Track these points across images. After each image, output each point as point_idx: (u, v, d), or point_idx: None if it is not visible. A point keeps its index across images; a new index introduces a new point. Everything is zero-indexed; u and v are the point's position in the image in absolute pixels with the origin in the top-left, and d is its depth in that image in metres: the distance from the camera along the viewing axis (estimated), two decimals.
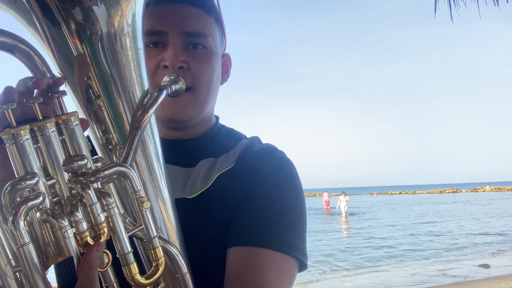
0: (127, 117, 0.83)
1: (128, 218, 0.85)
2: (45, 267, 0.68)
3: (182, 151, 1.11)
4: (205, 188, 1.06)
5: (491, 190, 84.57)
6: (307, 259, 1.05)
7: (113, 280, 0.74)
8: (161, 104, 1.04)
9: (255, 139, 1.18)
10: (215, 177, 1.07)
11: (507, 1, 2.94)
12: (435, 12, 3.04)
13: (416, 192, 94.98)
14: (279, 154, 1.13)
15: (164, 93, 0.86)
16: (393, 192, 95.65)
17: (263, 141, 1.18)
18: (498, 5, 2.92)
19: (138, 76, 0.84)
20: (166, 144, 1.07)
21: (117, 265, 0.74)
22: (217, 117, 1.21)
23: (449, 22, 3.02)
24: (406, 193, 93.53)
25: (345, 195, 31.93)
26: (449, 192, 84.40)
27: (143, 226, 0.77)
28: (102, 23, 0.77)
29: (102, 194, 0.70)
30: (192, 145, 1.12)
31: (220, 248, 1.00)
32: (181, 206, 0.98)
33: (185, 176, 1.08)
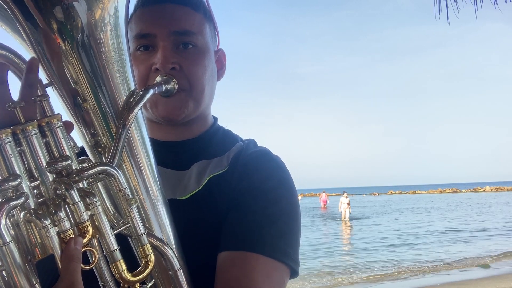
0: (113, 118, 0.84)
1: (120, 217, 0.86)
2: (34, 267, 0.69)
3: (176, 153, 1.11)
4: (197, 190, 1.05)
5: (491, 190, 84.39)
6: (299, 266, 1.02)
7: (109, 279, 0.75)
8: (156, 105, 1.05)
9: (251, 142, 1.17)
10: (207, 180, 1.07)
11: (506, 1, 2.93)
12: (439, 13, 3.02)
13: (416, 192, 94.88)
14: (274, 158, 1.12)
15: (151, 92, 0.87)
16: (393, 192, 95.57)
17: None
18: (497, 5, 2.91)
19: (123, 76, 0.85)
20: (160, 146, 1.09)
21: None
22: (215, 118, 1.20)
23: (450, 22, 3.00)
24: (406, 193, 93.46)
25: (346, 196, 28.49)
26: (449, 192, 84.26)
27: (130, 223, 0.78)
28: (84, 22, 0.78)
29: (86, 194, 0.72)
30: (187, 147, 1.12)
31: (210, 250, 0.99)
32: (172, 207, 0.98)
33: (177, 178, 1.08)
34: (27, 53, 0.81)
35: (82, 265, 0.70)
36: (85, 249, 0.71)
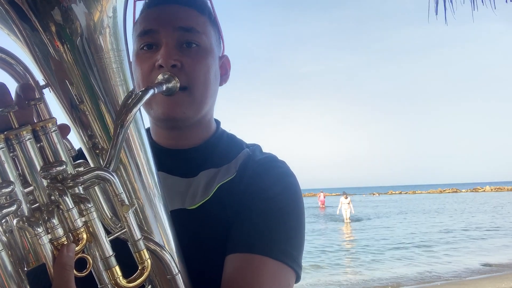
0: (111, 119, 0.83)
1: (117, 221, 0.86)
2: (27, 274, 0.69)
3: (182, 160, 1.11)
4: (206, 199, 1.05)
5: (491, 190, 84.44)
6: (301, 270, 1.03)
7: (107, 282, 0.75)
8: (157, 103, 1.04)
9: (257, 148, 1.17)
10: (216, 188, 1.07)
11: (506, 1, 2.92)
12: (436, 14, 3.02)
13: (416, 192, 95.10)
14: (281, 164, 1.12)
15: (150, 92, 0.85)
16: (393, 192, 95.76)
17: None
18: (496, 5, 2.91)
19: (121, 77, 0.84)
20: (167, 153, 1.09)
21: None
22: (218, 122, 1.20)
23: (449, 22, 3.00)
24: (406, 193, 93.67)
25: (346, 197, 26.29)
26: (449, 192, 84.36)
27: (126, 229, 0.77)
28: (82, 24, 0.77)
29: (81, 199, 0.71)
30: (193, 154, 1.12)
31: (220, 258, 0.99)
32: (181, 217, 0.98)
33: (185, 187, 1.07)
34: (24, 55, 0.80)
35: (76, 272, 0.69)
36: (78, 256, 0.70)
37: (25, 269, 0.69)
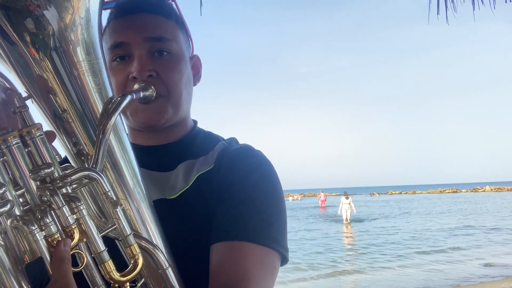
0: (93, 126, 0.86)
1: (106, 221, 0.87)
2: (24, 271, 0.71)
3: (160, 156, 1.14)
4: (186, 188, 1.08)
5: (491, 190, 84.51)
6: (288, 252, 1.07)
7: (100, 283, 0.77)
8: (136, 112, 1.07)
9: (232, 140, 1.21)
10: (195, 178, 1.10)
11: (506, 1, 2.91)
12: (437, 13, 3.02)
13: (416, 192, 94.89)
14: (256, 153, 1.16)
15: (128, 98, 0.88)
16: (393, 192, 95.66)
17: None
18: (495, 6, 2.90)
19: (100, 84, 0.87)
20: (144, 150, 1.11)
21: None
22: (195, 121, 1.24)
23: (450, 22, 2.99)
24: (406, 193, 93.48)
25: (347, 197, 25.57)
26: (449, 192, 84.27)
27: (116, 225, 0.80)
28: (56, 30, 0.79)
29: (71, 199, 0.73)
30: (170, 149, 1.15)
31: (202, 245, 1.02)
32: (162, 207, 1.01)
33: (164, 179, 1.10)
34: (6, 70, 0.83)
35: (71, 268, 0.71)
36: (73, 251, 0.72)
37: (20, 268, 0.71)
